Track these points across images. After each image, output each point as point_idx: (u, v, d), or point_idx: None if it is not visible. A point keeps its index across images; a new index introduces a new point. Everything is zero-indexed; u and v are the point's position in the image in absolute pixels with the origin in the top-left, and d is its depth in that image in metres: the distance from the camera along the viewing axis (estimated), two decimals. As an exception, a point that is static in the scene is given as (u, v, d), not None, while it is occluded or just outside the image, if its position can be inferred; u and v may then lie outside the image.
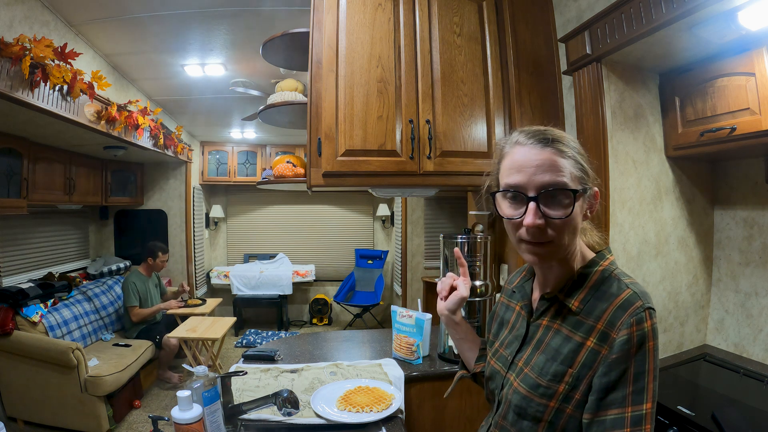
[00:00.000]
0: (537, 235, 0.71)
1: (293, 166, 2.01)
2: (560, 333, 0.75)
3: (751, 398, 1.33)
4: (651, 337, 0.67)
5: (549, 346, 0.76)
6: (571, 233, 0.72)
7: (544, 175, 0.70)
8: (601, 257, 0.78)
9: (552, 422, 0.72)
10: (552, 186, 0.70)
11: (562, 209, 0.70)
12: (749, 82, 1.31)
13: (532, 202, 0.70)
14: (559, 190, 0.70)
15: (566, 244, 0.73)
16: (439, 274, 1.72)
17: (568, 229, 0.72)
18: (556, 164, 0.71)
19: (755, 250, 1.63)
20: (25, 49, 1.99)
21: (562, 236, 0.71)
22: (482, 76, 1.70)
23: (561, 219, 0.70)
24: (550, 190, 0.70)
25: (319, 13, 1.60)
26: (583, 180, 0.73)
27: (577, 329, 0.72)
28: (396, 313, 1.69)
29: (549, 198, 0.71)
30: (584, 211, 0.75)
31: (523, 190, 0.72)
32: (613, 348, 0.67)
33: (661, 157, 1.66)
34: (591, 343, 0.70)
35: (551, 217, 0.70)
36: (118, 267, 4.39)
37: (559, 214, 0.70)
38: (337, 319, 5.72)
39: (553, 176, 0.70)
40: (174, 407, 0.98)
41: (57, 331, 3.07)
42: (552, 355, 0.74)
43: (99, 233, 4.75)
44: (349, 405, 1.24)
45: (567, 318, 0.75)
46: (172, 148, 4.11)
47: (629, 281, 0.73)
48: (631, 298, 0.69)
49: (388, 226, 5.82)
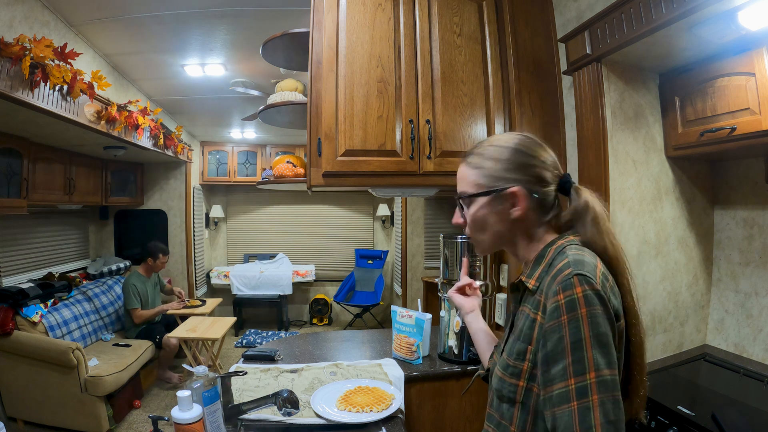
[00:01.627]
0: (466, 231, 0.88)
1: (293, 166, 2.01)
2: (524, 313, 0.78)
3: (751, 398, 1.33)
4: (583, 304, 0.65)
5: (517, 327, 0.80)
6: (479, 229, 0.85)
7: (459, 185, 0.88)
8: (562, 237, 0.81)
9: (524, 403, 0.73)
10: (458, 195, 0.87)
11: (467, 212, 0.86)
12: (749, 82, 1.31)
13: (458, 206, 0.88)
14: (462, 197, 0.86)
15: (481, 239, 0.86)
16: (439, 274, 1.72)
17: (476, 226, 0.85)
18: (463, 176, 0.87)
19: (755, 250, 1.63)
20: (25, 49, 1.99)
21: (473, 232, 0.87)
22: (482, 76, 1.70)
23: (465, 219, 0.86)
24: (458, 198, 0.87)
25: (319, 13, 1.60)
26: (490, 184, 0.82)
27: (534, 306, 0.75)
28: (396, 313, 1.69)
29: (462, 202, 0.87)
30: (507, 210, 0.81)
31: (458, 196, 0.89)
32: (546, 317, 0.69)
33: (661, 157, 1.66)
34: (539, 317, 0.72)
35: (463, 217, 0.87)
36: (118, 267, 4.39)
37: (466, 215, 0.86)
38: (337, 319, 5.72)
39: (460, 186, 0.87)
40: (174, 407, 0.98)
41: (57, 331, 3.07)
42: (517, 335, 0.78)
43: (99, 233, 4.75)
44: (349, 405, 1.24)
45: (528, 298, 0.79)
46: (172, 148, 4.11)
47: (574, 252, 0.73)
48: (563, 266, 0.71)
49: (388, 226, 5.82)
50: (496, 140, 0.86)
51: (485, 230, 0.85)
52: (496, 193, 0.81)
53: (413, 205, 4.07)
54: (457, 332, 1.60)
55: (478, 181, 0.83)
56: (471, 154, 0.87)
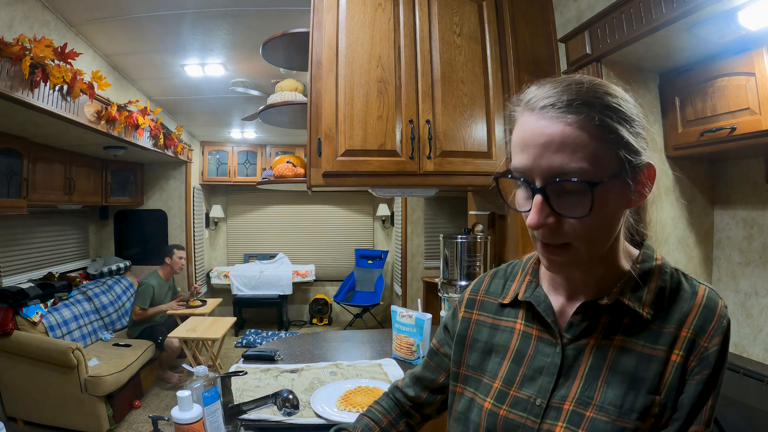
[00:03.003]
0: (548, 236, 0.54)
1: (293, 166, 2.01)
2: (630, 351, 0.56)
3: (751, 398, 1.33)
4: None
5: (616, 371, 0.56)
6: (599, 235, 0.54)
7: (554, 158, 0.50)
8: (651, 250, 0.63)
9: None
10: (559, 175, 0.50)
11: (579, 206, 0.51)
12: (749, 82, 1.31)
13: (538, 195, 0.52)
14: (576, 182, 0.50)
15: (594, 248, 0.55)
16: (439, 274, 1.72)
17: (593, 229, 0.53)
18: (572, 141, 0.50)
19: (755, 250, 1.63)
20: (25, 49, 1.99)
21: (583, 240, 0.53)
22: (482, 76, 1.70)
23: (577, 219, 0.51)
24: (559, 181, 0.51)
25: (319, 13, 1.60)
26: (623, 159, 0.51)
27: (655, 341, 0.56)
28: (396, 313, 1.69)
29: (561, 190, 0.52)
30: (627, 199, 0.55)
31: (529, 178, 0.53)
32: (707, 360, 0.54)
33: (661, 157, 1.66)
34: (677, 356, 0.55)
35: (564, 215, 0.52)
36: (118, 267, 4.39)
37: (575, 212, 0.51)
38: (337, 319, 5.72)
39: (565, 159, 0.50)
40: (174, 407, 0.98)
41: (57, 331, 3.07)
42: (629, 384, 0.55)
43: (99, 233, 4.75)
44: (349, 405, 1.24)
45: (633, 329, 0.57)
46: (172, 148, 4.11)
47: (694, 276, 0.61)
48: (713, 295, 0.57)
49: (388, 226, 5.82)
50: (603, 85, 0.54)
51: (606, 235, 0.55)
52: (636, 172, 0.53)
53: (413, 205, 4.07)
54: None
55: (605, 153, 0.51)
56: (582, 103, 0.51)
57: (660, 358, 0.55)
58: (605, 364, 0.57)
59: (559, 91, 0.53)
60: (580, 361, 0.58)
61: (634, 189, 0.54)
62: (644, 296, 0.58)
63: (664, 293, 0.58)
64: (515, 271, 0.73)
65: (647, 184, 0.55)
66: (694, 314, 0.56)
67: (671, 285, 0.59)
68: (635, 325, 0.57)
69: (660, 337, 0.56)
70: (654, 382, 0.54)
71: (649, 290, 0.58)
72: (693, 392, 0.54)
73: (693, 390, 0.54)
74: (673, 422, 0.54)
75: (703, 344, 0.54)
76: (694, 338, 0.55)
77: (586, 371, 0.58)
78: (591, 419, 0.55)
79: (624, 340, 0.57)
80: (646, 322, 0.56)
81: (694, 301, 0.57)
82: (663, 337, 0.56)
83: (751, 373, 1.47)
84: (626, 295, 0.58)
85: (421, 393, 0.80)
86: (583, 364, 0.58)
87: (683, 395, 0.54)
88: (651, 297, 0.58)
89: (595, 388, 0.56)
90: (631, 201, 0.56)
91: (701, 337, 0.54)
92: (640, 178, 0.54)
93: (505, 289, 0.71)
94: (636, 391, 0.54)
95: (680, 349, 0.55)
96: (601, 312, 0.59)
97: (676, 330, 0.55)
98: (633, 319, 0.57)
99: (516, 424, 0.60)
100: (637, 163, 0.53)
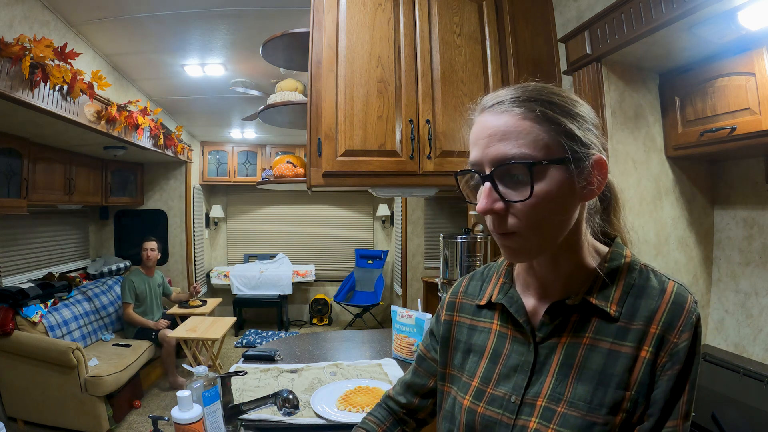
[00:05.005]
0: (497, 223, 0.56)
1: (293, 166, 2.01)
2: (598, 348, 0.58)
3: (751, 398, 1.33)
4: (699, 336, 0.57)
5: (586, 368, 0.58)
6: (545, 223, 0.56)
7: (499, 146, 0.55)
8: (621, 247, 0.64)
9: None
10: (502, 160, 0.54)
11: (523, 191, 0.54)
12: (749, 82, 1.31)
13: (486, 182, 0.56)
14: (516, 164, 0.53)
15: (542, 236, 0.56)
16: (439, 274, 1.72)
17: (539, 216, 0.55)
18: (514, 129, 0.54)
19: (755, 250, 1.63)
20: (25, 49, 1.99)
21: (528, 225, 0.55)
22: (482, 76, 1.70)
23: (520, 202, 0.54)
24: (502, 165, 0.54)
25: (319, 13, 1.60)
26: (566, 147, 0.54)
27: (623, 338, 0.57)
28: (396, 313, 1.69)
29: (506, 175, 0.55)
30: (578, 189, 0.56)
31: (481, 169, 0.57)
32: (677, 355, 0.55)
33: (661, 157, 1.66)
34: (646, 353, 0.55)
35: (509, 200, 0.55)
36: (118, 267, 4.39)
37: (518, 196, 0.54)
38: (337, 319, 5.72)
39: (507, 146, 0.54)
40: (174, 407, 0.98)
41: (57, 331, 3.07)
42: (598, 380, 0.56)
43: (99, 233, 4.75)
44: (349, 405, 1.24)
45: (602, 327, 0.58)
46: (172, 148, 4.11)
47: (664, 272, 0.61)
48: (682, 291, 0.58)
49: (388, 226, 5.82)
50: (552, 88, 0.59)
51: (549, 221, 0.56)
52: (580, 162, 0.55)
53: (413, 205, 4.07)
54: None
55: (549, 141, 0.54)
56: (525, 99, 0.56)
57: (628, 354, 0.56)
58: (575, 362, 0.58)
59: (508, 92, 0.58)
60: (552, 359, 0.60)
61: (582, 180, 0.56)
62: (612, 294, 0.59)
63: (632, 290, 0.59)
64: (491, 273, 0.75)
65: (597, 177, 0.57)
66: (662, 310, 0.56)
67: (640, 282, 0.59)
68: (604, 322, 0.58)
69: (628, 333, 0.57)
70: (624, 377, 0.55)
71: (617, 288, 0.59)
72: (665, 387, 0.54)
73: (665, 385, 0.54)
74: (649, 418, 0.55)
75: (673, 340, 0.55)
76: (663, 334, 0.55)
77: (557, 368, 0.59)
78: (562, 414, 0.57)
79: (593, 337, 0.58)
80: (615, 319, 0.58)
81: (662, 297, 0.57)
82: (631, 333, 0.57)
83: (751, 373, 1.47)
84: (593, 293, 0.59)
85: (412, 399, 0.82)
86: (554, 362, 0.60)
87: (656, 391, 0.55)
88: (618, 295, 0.59)
89: (566, 384, 0.58)
90: (581, 193, 0.57)
91: (670, 333, 0.55)
92: (587, 169, 0.56)
93: (481, 291, 0.73)
94: (605, 386, 0.56)
95: (649, 345, 0.55)
96: (572, 311, 0.60)
97: (645, 326, 0.56)
98: (601, 316, 0.59)
99: (493, 420, 0.62)
100: (582, 153, 0.55)
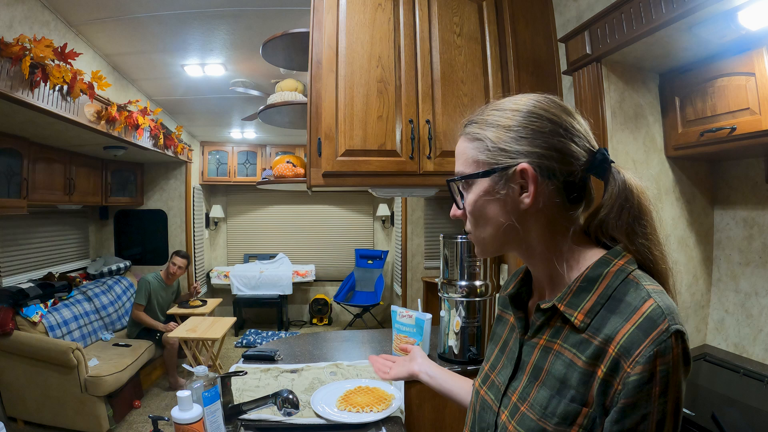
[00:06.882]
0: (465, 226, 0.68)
1: (293, 166, 2.01)
2: (562, 356, 0.57)
3: (751, 398, 1.33)
4: (677, 370, 0.49)
5: (550, 374, 0.58)
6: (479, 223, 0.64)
7: (456, 164, 0.67)
8: (616, 254, 0.59)
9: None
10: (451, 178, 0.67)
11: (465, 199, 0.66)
12: (749, 82, 1.31)
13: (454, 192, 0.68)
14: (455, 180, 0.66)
15: (482, 236, 0.65)
16: (439, 274, 1.72)
17: (475, 218, 0.65)
18: (460, 151, 0.66)
19: (755, 250, 1.62)
20: (25, 49, 1.99)
21: (472, 227, 0.66)
22: (482, 76, 1.70)
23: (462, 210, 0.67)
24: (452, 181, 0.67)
25: (319, 13, 1.60)
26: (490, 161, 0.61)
27: (582, 351, 0.54)
28: (396, 313, 1.69)
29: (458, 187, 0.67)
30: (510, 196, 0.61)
31: None
32: (626, 388, 0.49)
33: (661, 157, 1.66)
34: (601, 372, 0.52)
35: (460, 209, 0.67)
36: (118, 267, 4.39)
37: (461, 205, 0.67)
38: (337, 319, 5.72)
39: (457, 166, 0.67)
40: (174, 407, 0.98)
41: (57, 331, 3.07)
42: (557, 388, 0.56)
43: (99, 233, 4.75)
44: (349, 405, 1.24)
45: (570, 335, 0.57)
46: (172, 148, 4.11)
47: (652, 288, 0.54)
48: (654, 313, 0.51)
49: (388, 226, 5.82)
50: (504, 103, 0.65)
51: (486, 225, 0.63)
52: (498, 173, 0.60)
53: (413, 205, 4.07)
54: (457, 332, 1.60)
55: (477, 158, 0.63)
56: (471, 122, 0.66)
57: (584, 369, 0.54)
58: (545, 365, 0.59)
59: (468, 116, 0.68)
60: (530, 358, 0.62)
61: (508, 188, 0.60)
62: (583, 303, 0.57)
63: (607, 302, 0.55)
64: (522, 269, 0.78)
65: (526, 185, 0.60)
66: (625, 331, 0.51)
67: (618, 294, 0.55)
68: (572, 331, 0.57)
69: (588, 347, 0.54)
70: (580, 391, 0.53)
71: (591, 297, 0.57)
72: (615, 418, 0.50)
73: (616, 416, 0.50)
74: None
75: (626, 368, 0.50)
76: (618, 358, 0.51)
77: (532, 368, 0.61)
78: (522, 414, 0.59)
79: (561, 344, 0.58)
80: (580, 329, 0.56)
81: (632, 317, 0.52)
82: (591, 348, 0.54)
83: (751, 373, 1.47)
84: (564, 300, 0.59)
85: None
86: (531, 361, 0.62)
87: (607, 419, 0.51)
88: (590, 304, 0.56)
89: (534, 385, 0.60)
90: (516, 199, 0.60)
91: (625, 360, 0.50)
92: (513, 178, 0.60)
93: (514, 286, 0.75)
94: (560, 396, 0.55)
95: (605, 365, 0.52)
96: (554, 314, 0.61)
97: (603, 344, 0.53)
98: (571, 325, 0.57)
99: (488, 405, 0.67)
100: (506, 164, 0.60)
